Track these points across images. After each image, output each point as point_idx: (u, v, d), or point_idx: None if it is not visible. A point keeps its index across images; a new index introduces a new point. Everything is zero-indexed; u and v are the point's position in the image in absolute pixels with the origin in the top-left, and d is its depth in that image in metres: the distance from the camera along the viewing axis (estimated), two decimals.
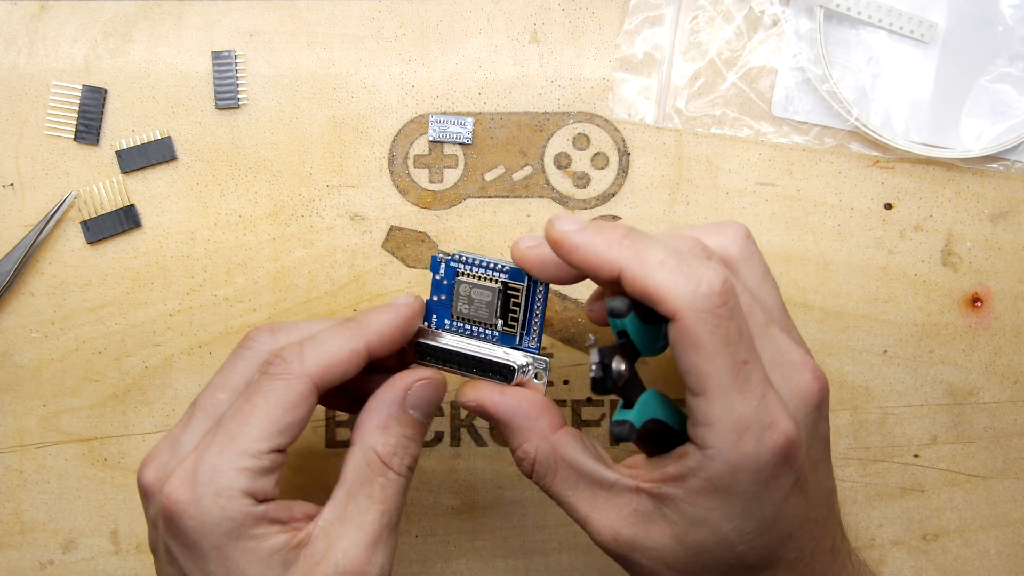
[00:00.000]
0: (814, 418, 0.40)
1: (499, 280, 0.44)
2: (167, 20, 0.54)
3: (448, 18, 0.54)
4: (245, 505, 0.40)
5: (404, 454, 0.42)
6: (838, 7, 0.53)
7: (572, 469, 0.43)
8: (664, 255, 0.38)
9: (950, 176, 0.54)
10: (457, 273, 0.45)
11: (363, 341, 0.42)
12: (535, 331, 0.45)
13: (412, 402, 0.42)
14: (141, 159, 0.54)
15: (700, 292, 0.37)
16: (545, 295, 0.45)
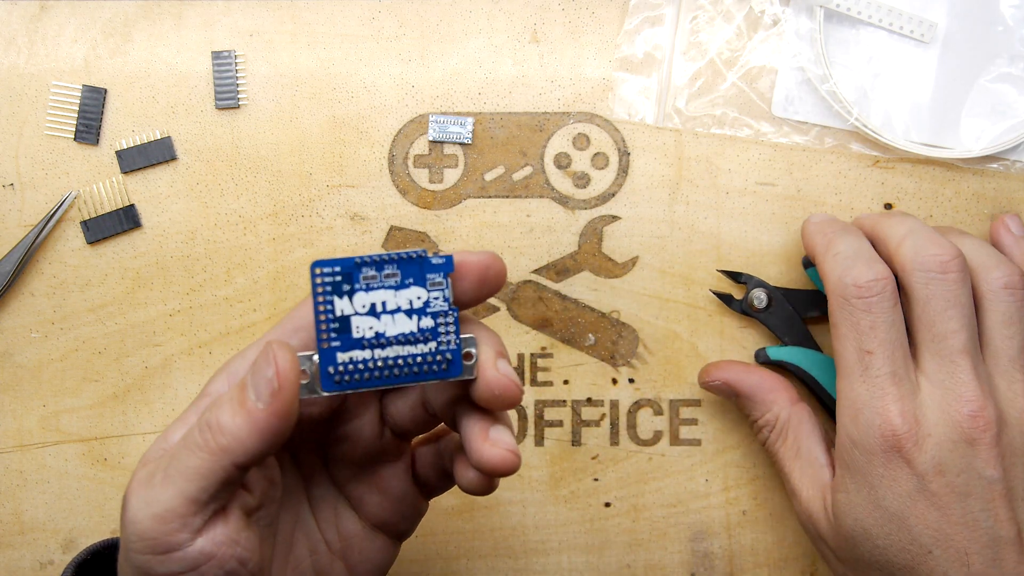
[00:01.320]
0: (961, 450, 0.43)
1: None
2: (167, 20, 0.54)
3: (448, 18, 0.54)
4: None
5: (213, 409, 0.36)
6: (838, 7, 0.53)
7: (798, 442, 0.49)
8: (843, 248, 0.46)
9: (950, 176, 0.54)
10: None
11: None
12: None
13: (253, 365, 0.37)
14: (141, 159, 0.54)
15: (844, 281, 0.45)
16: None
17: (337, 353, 0.37)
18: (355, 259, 0.38)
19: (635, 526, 0.55)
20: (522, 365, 0.55)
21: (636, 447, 0.55)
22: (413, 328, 0.38)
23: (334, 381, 0.37)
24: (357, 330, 0.37)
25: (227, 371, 0.40)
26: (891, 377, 0.44)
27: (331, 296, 0.37)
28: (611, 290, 0.55)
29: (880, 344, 0.44)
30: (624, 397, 0.55)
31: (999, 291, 0.45)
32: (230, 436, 0.36)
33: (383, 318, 0.38)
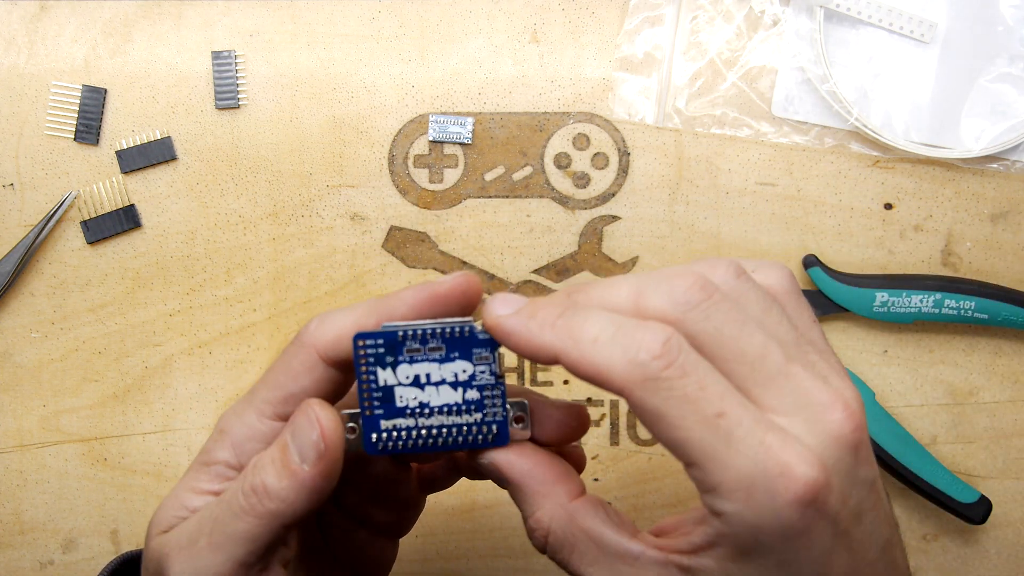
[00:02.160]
0: (849, 462, 0.35)
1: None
2: (167, 20, 0.54)
3: (448, 18, 0.54)
4: (226, 453, 0.39)
5: (256, 473, 0.37)
6: (838, 7, 0.53)
7: (592, 542, 0.38)
8: (598, 330, 0.35)
9: (950, 176, 0.54)
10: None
11: (375, 317, 0.38)
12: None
13: (292, 423, 0.37)
14: (141, 159, 0.54)
15: (639, 361, 0.34)
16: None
17: (380, 420, 0.37)
18: (398, 331, 0.37)
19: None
20: (522, 365, 0.55)
21: (636, 447, 0.55)
22: (458, 400, 0.38)
23: (378, 448, 0.37)
24: (400, 399, 0.37)
25: (227, 435, 0.40)
26: (760, 426, 0.34)
27: (374, 367, 0.37)
28: None
29: (722, 398, 0.34)
30: None
31: (740, 285, 0.37)
32: (278, 500, 0.36)
33: (427, 389, 0.37)
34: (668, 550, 0.37)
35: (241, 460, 0.39)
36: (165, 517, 0.39)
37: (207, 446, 0.40)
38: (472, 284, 0.37)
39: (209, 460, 0.40)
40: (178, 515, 0.39)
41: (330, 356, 0.39)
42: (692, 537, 0.36)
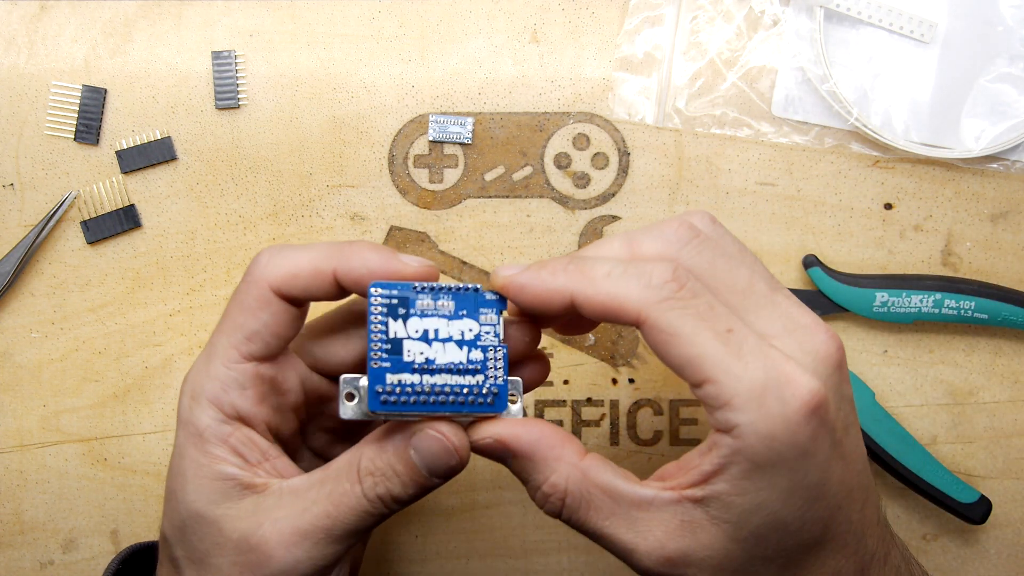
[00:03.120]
0: (837, 379, 0.38)
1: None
2: (167, 20, 0.54)
3: (448, 18, 0.54)
4: (210, 417, 0.40)
5: (381, 481, 0.39)
6: (838, 7, 0.53)
7: (607, 495, 0.39)
8: (609, 267, 0.38)
9: (950, 176, 0.54)
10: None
11: (333, 264, 0.39)
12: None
13: (415, 443, 0.39)
14: (141, 159, 0.54)
15: (653, 285, 0.37)
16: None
17: (387, 374, 0.38)
18: (413, 284, 0.38)
19: None
20: None
21: (636, 447, 0.55)
22: (463, 359, 0.39)
23: (380, 401, 0.38)
24: (408, 354, 0.38)
25: (201, 396, 0.41)
26: (762, 342, 0.37)
27: (386, 318, 0.38)
28: None
29: (730, 318, 0.37)
30: (624, 397, 0.55)
31: (715, 229, 0.40)
32: (403, 504, 0.40)
33: (434, 345, 0.38)
34: (679, 487, 0.38)
35: (225, 411, 0.40)
36: (201, 484, 0.40)
37: (187, 417, 0.41)
38: (431, 276, 0.40)
39: (200, 432, 0.40)
40: (220, 489, 0.40)
41: (283, 291, 0.40)
42: (702, 466, 0.38)
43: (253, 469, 0.41)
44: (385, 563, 0.55)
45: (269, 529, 0.39)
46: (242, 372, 0.41)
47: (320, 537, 0.39)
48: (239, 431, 0.41)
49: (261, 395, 0.41)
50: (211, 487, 0.40)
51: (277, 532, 0.39)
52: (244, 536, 0.39)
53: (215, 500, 0.40)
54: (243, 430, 0.41)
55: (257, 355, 0.41)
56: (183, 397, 0.41)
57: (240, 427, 0.41)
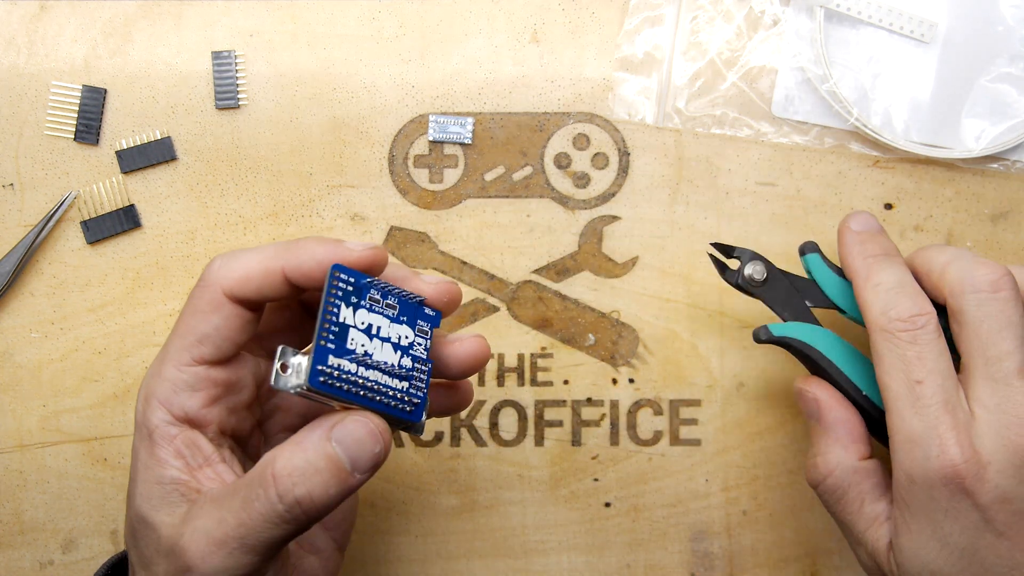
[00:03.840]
0: (1021, 475, 0.41)
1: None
2: (167, 20, 0.54)
3: (448, 18, 0.54)
4: (158, 418, 0.41)
5: (300, 482, 0.38)
6: (838, 7, 0.53)
7: (861, 495, 0.46)
8: (884, 279, 0.45)
9: (950, 176, 0.54)
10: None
11: (281, 263, 0.40)
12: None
13: (338, 434, 0.38)
14: (141, 159, 0.54)
15: (888, 315, 0.44)
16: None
17: (330, 355, 0.38)
18: (367, 278, 0.40)
19: (635, 526, 0.55)
20: (522, 365, 0.55)
21: (636, 447, 0.55)
22: (395, 362, 0.40)
23: (320, 380, 0.38)
24: (351, 342, 0.39)
25: (153, 397, 0.41)
26: (944, 406, 0.42)
27: (339, 302, 0.39)
28: (611, 290, 0.55)
29: (929, 373, 0.43)
30: (624, 397, 0.55)
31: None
32: (325, 508, 0.38)
33: (374, 341, 0.40)
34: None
35: (174, 413, 0.41)
36: (147, 487, 0.40)
37: (140, 419, 0.41)
38: (379, 258, 0.40)
39: (150, 433, 0.41)
40: (160, 493, 0.40)
41: (236, 294, 0.41)
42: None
43: (193, 473, 0.40)
44: (385, 563, 0.55)
45: (188, 538, 0.39)
46: (193, 375, 0.41)
47: (234, 547, 0.38)
48: (184, 433, 0.41)
49: (212, 397, 0.41)
50: (154, 491, 0.40)
51: (195, 542, 0.39)
52: (172, 544, 0.39)
53: (156, 505, 0.40)
54: (189, 433, 0.41)
55: (208, 359, 0.41)
56: (138, 400, 0.42)
57: (186, 430, 0.41)
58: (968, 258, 0.45)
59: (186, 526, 0.39)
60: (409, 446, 0.55)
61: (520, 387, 0.55)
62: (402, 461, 0.55)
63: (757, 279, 0.48)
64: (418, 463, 0.55)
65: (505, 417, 0.55)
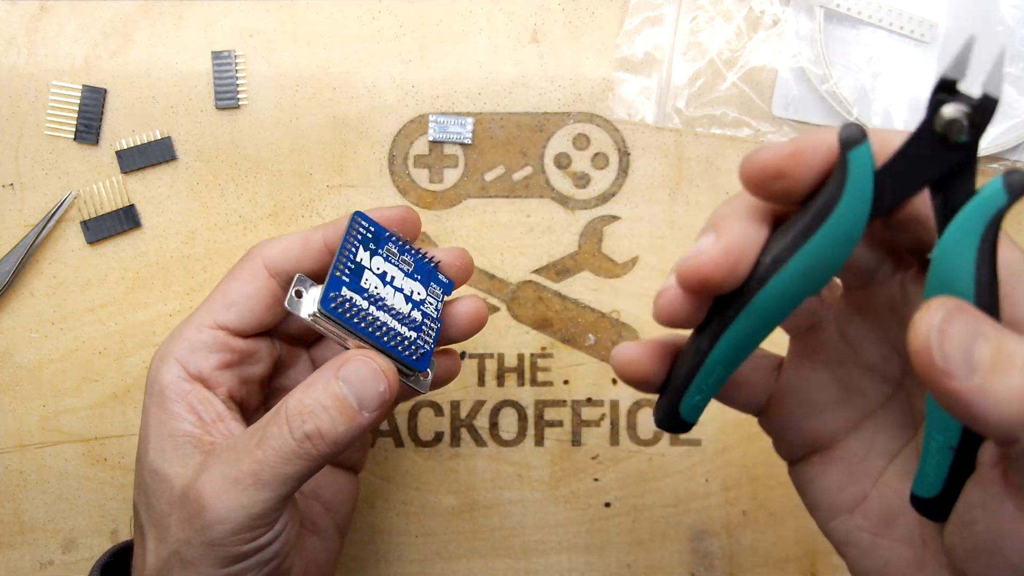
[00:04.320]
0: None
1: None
2: (167, 20, 0.54)
3: (448, 18, 0.54)
4: (173, 375, 0.42)
5: (308, 419, 0.39)
6: (838, 7, 0.53)
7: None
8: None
9: None
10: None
11: (320, 233, 0.43)
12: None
13: (344, 373, 0.40)
14: (141, 159, 0.54)
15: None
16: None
17: (344, 287, 0.40)
18: (388, 231, 0.43)
19: (635, 526, 0.55)
20: (522, 365, 0.55)
21: (636, 447, 0.55)
22: (405, 312, 0.42)
23: (331, 305, 0.40)
24: (365, 281, 0.41)
25: (172, 355, 0.43)
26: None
27: (358, 244, 0.42)
28: (611, 290, 0.55)
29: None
30: (624, 397, 0.55)
31: None
32: (334, 444, 0.39)
33: (387, 288, 0.42)
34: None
35: (189, 370, 0.42)
36: (160, 441, 0.41)
37: (153, 376, 0.43)
38: (408, 217, 0.44)
39: (162, 389, 0.42)
40: (173, 446, 0.41)
41: (275, 267, 0.43)
42: None
43: (206, 428, 0.42)
44: (385, 563, 0.55)
45: (203, 480, 0.40)
46: (212, 336, 0.43)
47: (248, 483, 0.39)
48: (197, 390, 0.42)
49: (226, 362, 0.43)
50: (168, 444, 0.41)
51: (210, 482, 0.39)
52: (185, 492, 0.40)
53: (170, 458, 0.41)
54: (201, 390, 0.42)
55: (230, 326, 0.43)
56: (153, 361, 0.43)
57: (199, 387, 0.42)
58: None
59: (203, 474, 0.40)
60: (409, 446, 0.55)
61: (520, 387, 0.55)
62: (402, 461, 0.55)
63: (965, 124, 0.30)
64: (418, 463, 0.55)
65: (505, 417, 0.55)
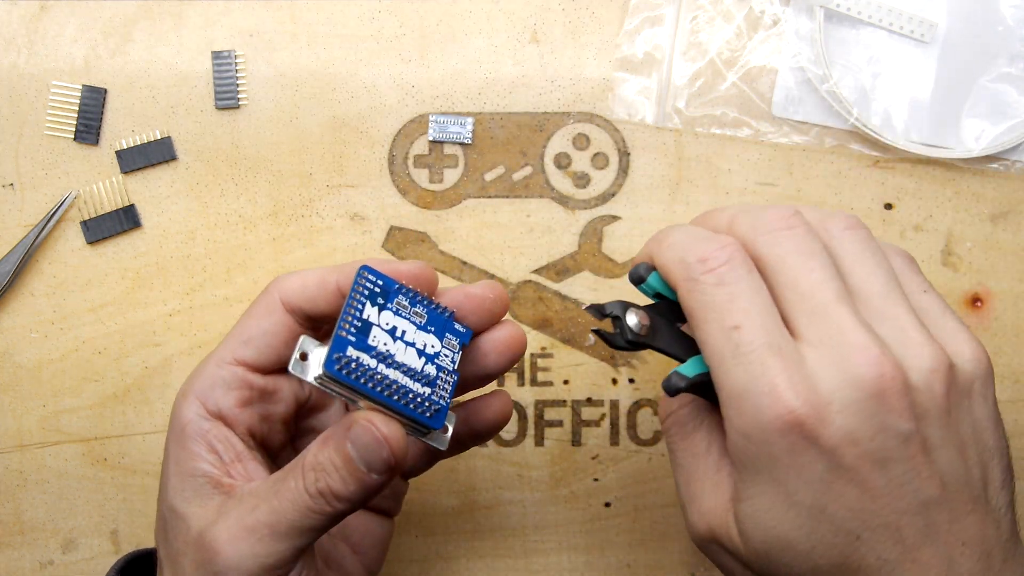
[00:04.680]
0: (869, 408, 0.36)
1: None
2: (167, 20, 0.54)
3: (448, 18, 0.54)
4: (193, 412, 0.42)
5: (321, 476, 0.39)
6: (838, 7, 0.53)
7: (707, 437, 0.41)
8: (675, 238, 0.39)
9: (950, 176, 0.54)
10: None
11: (335, 276, 0.42)
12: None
13: (352, 435, 0.39)
14: (141, 159, 0.54)
15: (686, 260, 0.38)
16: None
17: (349, 346, 0.39)
18: (397, 284, 0.41)
19: (635, 526, 0.55)
20: (522, 365, 0.55)
21: (636, 447, 0.55)
22: (417, 367, 0.40)
23: (336, 367, 0.38)
24: (373, 339, 0.39)
25: (192, 392, 0.43)
26: (768, 348, 0.37)
27: (365, 300, 0.40)
28: (611, 290, 0.55)
29: (745, 314, 0.37)
30: (624, 397, 0.55)
31: (843, 234, 0.40)
32: (348, 502, 0.39)
33: (398, 343, 0.40)
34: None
35: (208, 407, 0.42)
36: (179, 480, 0.41)
37: (175, 412, 0.43)
38: (424, 274, 0.42)
39: (183, 427, 0.42)
40: (193, 486, 0.41)
41: (290, 302, 0.42)
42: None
43: (225, 468, 0.41)
44: (385, 563, 0.55)
45: (220, 526, 0.40)
46: (230, 372, 0.42)
47: (264, 533, 0.39)
48: (217, 428, 0.42)
49: (245, 399, 0.42)
50: (187, 484, 0.41)
51: (226, 529, 0.39)
52: (202, 535, 0.40)
53: (188, 497, 0.41)
54: (221, 428, 0.42)
55: (248, 361, 0.42)
56: (176, 398, 0.43)
57: (219, 425, 0.42)
58: (751, 207, 0.40)
59: (220, 519, 0.40)
60: None
61: (520, 387, 0.55)
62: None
63: (645, 326, 0.40)
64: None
65: None
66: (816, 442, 0.36)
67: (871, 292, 0.39)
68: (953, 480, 0.38)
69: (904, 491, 0.37)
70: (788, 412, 0.36)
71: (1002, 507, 0.39)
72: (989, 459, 0.39)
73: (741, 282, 0.38)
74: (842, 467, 0.37)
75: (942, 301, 0.40)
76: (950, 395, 0.38)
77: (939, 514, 0.38)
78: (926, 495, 0.37)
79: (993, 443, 0.39)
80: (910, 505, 0.37)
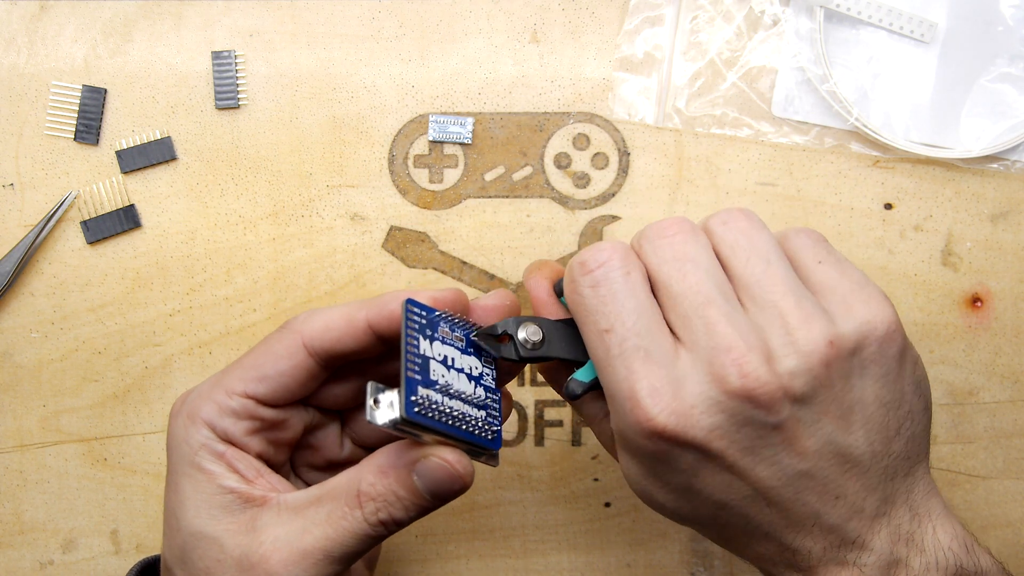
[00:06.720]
0: (734, 406, 0.38)
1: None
2: (167, 20, 0.54)
3: (448, 18, 0.54)
4: (204, 436, 0.42)
5: (383, 507, 0.40)
6: (838, 7, 0.53)
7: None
8: (577, 258, 0.41)
9: (950, 176, 0.54)
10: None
11: (363, 312, 0.41)
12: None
13: (421, 471, 0.40)
14: (141, 159, 0.54)
15: (571, 267, 0.41)
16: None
17: (419, 387, 0.39)
18: (435, 311, 0.41)
19: (635, 526, 0.55)
20: None
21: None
22: (471, 392, 0.41)
23: (415, 410, 0.38)
24: (433, 373, 0.40)
25: (200, 416, 0.42)
26: (635, 352, 0.38)
27: (418, 335, 0.40)
28: None
29: (615, 318, 0.39)
30: None
31: (721, 228, 0.41)
32: (401, 526, 0.41)
33: (451, 372, 0.40)
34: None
35: (217, 433, 0.42)
36: (201, 501, 0.41)
37: (183, 436, 0.42)
38: (458, 300, 0.42)
39: (196, 451, 0.42)
40: (220, 503, 0.41)
41: (313, 345, 0.42)
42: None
43: (249, 483, 0.41)
44: (385, 563, 0.55)
45: (270, 547, 0.40)
46: (240, 404, 0.42)
47: (320, 558, 0.40)
48: (232, 450, 0.42)
49: (253, 429, 0.42)
50: (211, 503, 0.41)
51: (278, 550, 0.40)
52: (245, 553, 0.40)
53: (216, 516, 0.41)
54: (236, 450, 0.42)
55: (260, 397, 0.42)
56: (177, 419, 0.42)
57: (233, 448, 0.42)
58: (654, 222, 0.42)
59: (263, 533, 0.40)
60: None
61: (520, 387, 0.55)
62: None
63: (536, 340, 0.42)
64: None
65: None
66: (682, 442, 0.38)
67: (750, 280, 0.40)
68: (829, 450, 0.39)
69: (773, 469, 0.39)
70: (647, 420, 0.38)
71: (894, 455, 0.41)
72: (883, 416, 0.40)
73: (615, 284, 0.39)
74: (711, 455, 0.39)
75: (839, 267, 0.41)
76: (831, 368, 0.39)
77: (809, 481, 0.39)
78: (796, 469, 0.39)
79: (890, 398, 0.40)
80: (780, 479, 0.39)
